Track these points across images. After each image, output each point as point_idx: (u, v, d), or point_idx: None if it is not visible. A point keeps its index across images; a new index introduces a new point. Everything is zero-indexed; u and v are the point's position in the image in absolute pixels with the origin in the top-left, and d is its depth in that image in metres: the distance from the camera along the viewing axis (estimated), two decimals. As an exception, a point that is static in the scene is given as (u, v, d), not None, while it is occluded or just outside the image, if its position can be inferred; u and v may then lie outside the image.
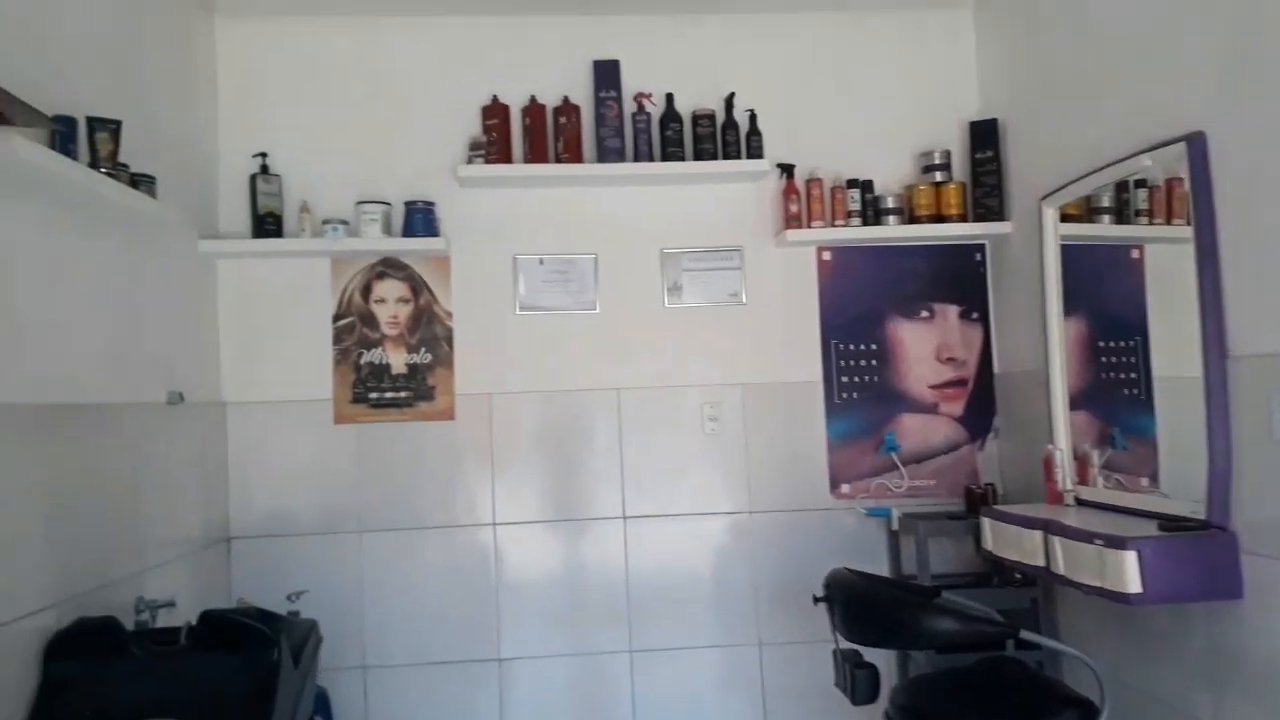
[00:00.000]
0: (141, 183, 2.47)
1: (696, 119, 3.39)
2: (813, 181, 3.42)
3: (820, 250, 3.50)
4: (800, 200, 3.41)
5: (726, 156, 3.38)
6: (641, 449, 3.41)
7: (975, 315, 3.53)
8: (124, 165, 2.36)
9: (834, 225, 3.42)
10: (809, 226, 3.40)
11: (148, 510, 2.68)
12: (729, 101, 3.41)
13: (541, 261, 3.42)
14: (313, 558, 3.28)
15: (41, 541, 2.14)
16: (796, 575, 3.38)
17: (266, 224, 3.25)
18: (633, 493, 3.41)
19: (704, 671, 3.38)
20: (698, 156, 3.38)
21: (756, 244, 3.50)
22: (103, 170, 2.26)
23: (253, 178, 3.27)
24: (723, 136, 3.39)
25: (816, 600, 2.55)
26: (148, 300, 2.76)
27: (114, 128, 2.30)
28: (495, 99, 3.35)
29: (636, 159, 3.36)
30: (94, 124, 2.27)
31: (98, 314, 2.46)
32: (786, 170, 3.44)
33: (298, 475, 3.30)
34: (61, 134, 2.15)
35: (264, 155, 3.30)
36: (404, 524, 3.33)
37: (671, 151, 3.36)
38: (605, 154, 3.34)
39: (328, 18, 3.39)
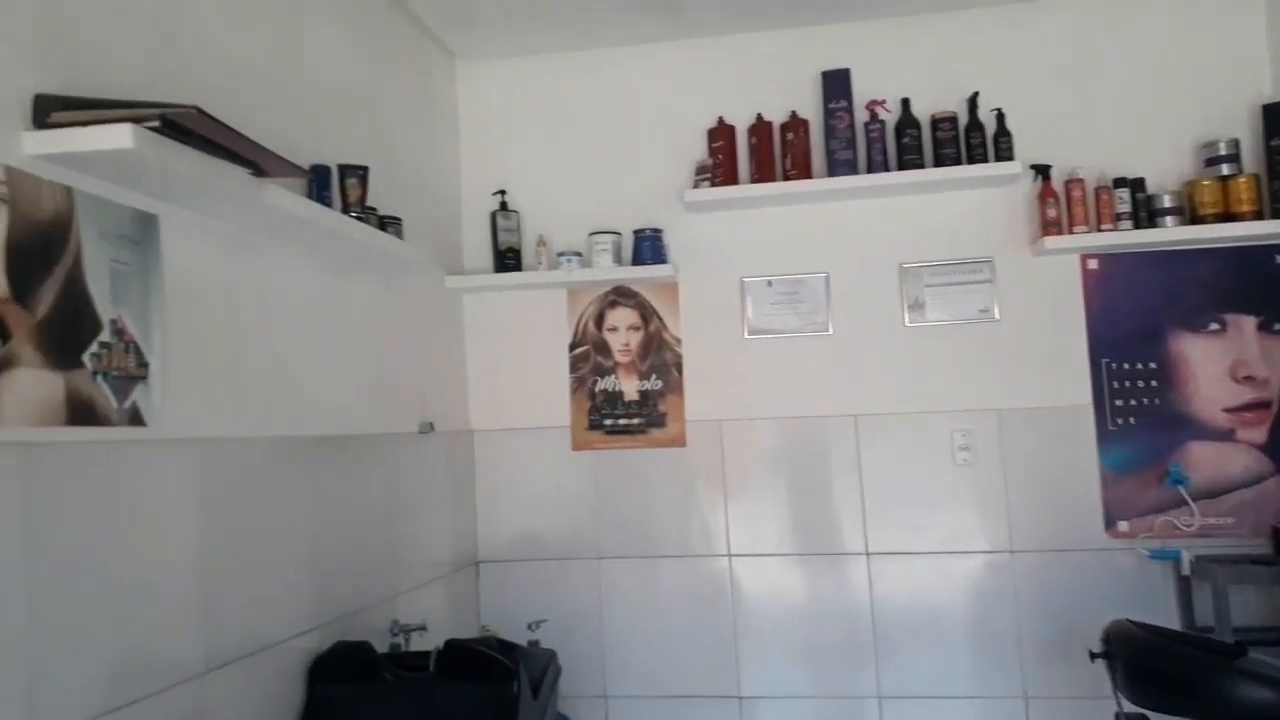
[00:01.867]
0: (389, 224, 2.60)
1: (936, 123, 3.16)
2: (1072, 182, 3.09)
3: (1085, 258, 3.16)
4: (1059, 203, 3.09)
5: (971, 161, 3.13)
6: (884, 479, 3.20)
7: (1278, 327, 3.04)
8: (372, 208, 2.50)
9: (1100, 230, 3.07)
10: (1070, 232, 3.07)
11: (403, 535, 2.81)
12: (972, 101, 3.15)
13: (770, 283, 3.31)
14: (555, 582, 3.33)
15: (308, 566, 2.28)
16: (1068, 623, 3.04)
17: (506, 259, 3.36)
18: (876, 526, 3.20)
19: (960, 722, 3.11)
20: (938, 163, 3.15)
21: (1009, 254, 3.20)
22: (353, 214, 2.39)
23: (493, 215, 3.40)
24: (966, 140, 3.14)
25: (1094, 656, 2.25)
26: (400, 335, 2.91)
27: (362, 173, 2.44)
28: (720, 120, 3.29)
29: (870, 170, 3.18)
30: (344, 171, 2.42)
31: (355, 350, 2.62)
32: (1041, 171, 3.13)
33: (540, 500, 3.37)
34: (317, 182, 2.30)
35: (503, 193, 3.42)
36: (640, 552, 3.31)
37: (909, 160, 3.15)
38: (836, 167, 3.18)
39: (557, 54, 3.47)
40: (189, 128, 1.63)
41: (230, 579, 1.98)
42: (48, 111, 1.53)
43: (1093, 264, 3.15)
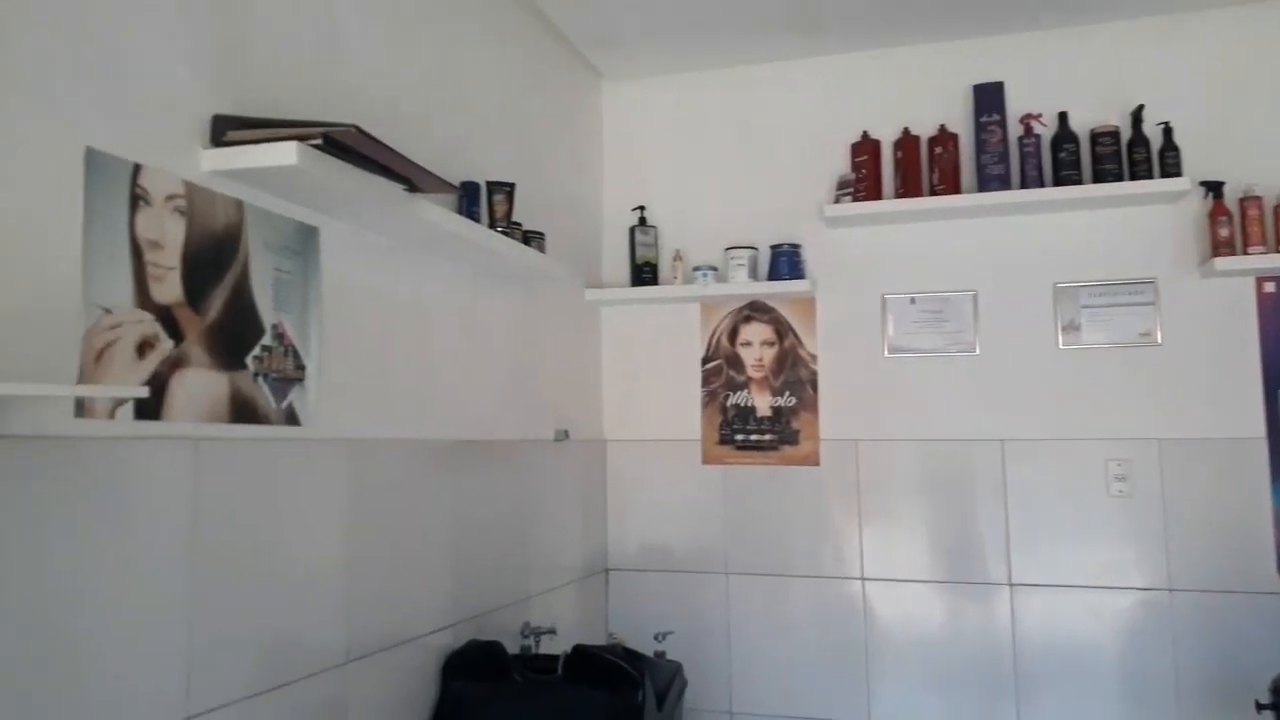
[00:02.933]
0: (533, 239, 2.68)
1: (1095, 138, 3.01)
2: (1248, 200, 2.88)
3: (1261, 281, 2.93)
4: (1232, 222, 2.89)
5: (1134, 177, 2.96)
6: (1030, 508, 3.06)
7: None
8: (517, 224, 2.58)
9: (1278, 251, 2.84)
10: (1245, 253, 2.86)
11: (536, 539, 2.88)
12: (1136, 115, 2.99)
13: (913, 301, 3.22)
14: (683, 594, 3.33)
15: (446, 565, 2.37)
16: (1232, 670, 2.82)
17: (643, 273, 3.40)
18: (1021, 557, 3.06)
19: (1108, 770, 2.93)
20: (1097, 179, 2.99)
21: (1174, 275, 3.01)
22: (499, 229, 2.48)
23: (631, 230, 3.45)
24: (1129, 155, 2.98)
25: (1260, 707, 2.08)
26: (539, 345, 2.99)
27: (509, 190, 2.52)
28: (865, 135, 3.23)
29: (1024, 186, 3.05)
30: (492, 187, 2.51)
31: (497, 359, 2.70)
32: (1213, 189, 2.93)
33: (669, 512, 3.39)
34: (466, 198, 2.39)
35: (642, 208, 3.47)
36: (770, 569, 3.27)
37: (1065, 175, 3.01)
38: (987, 182, 3.07)
39: (700, 72, 3.50)
40: (349, 145, 1.73)
41: (373, 574, 2.08)
42: (224, 130, 1.66)
43: (1269, 287, 2.92)
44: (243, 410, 1.72)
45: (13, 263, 1.31)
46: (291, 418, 1.85)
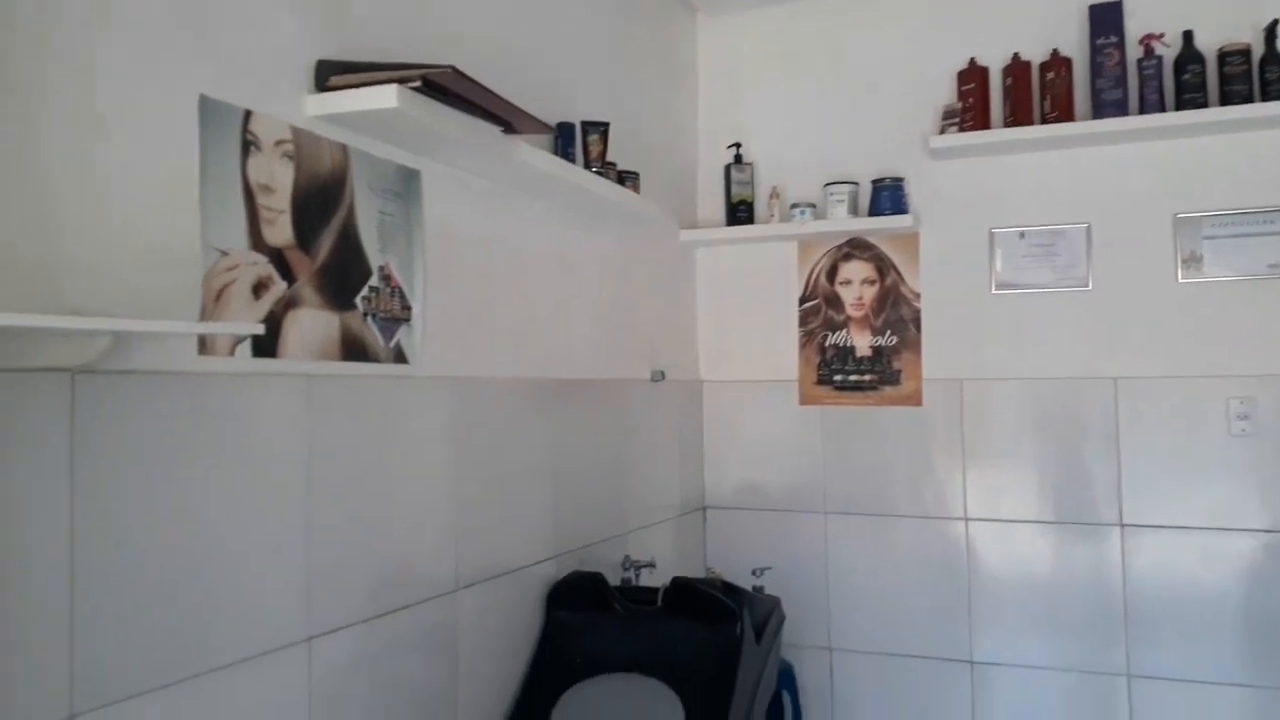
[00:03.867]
0: (628, 179, 2.68)
1: (1223, 57, 2.81)
2: (1397, 117, 2.66)
3: (1407, 205, 2.72)
4: (1377, 142, 2.68)
5: (1267, 98, 2.76)
6: (1144, 448, 2.95)
7: None
8: (612, 163, 2.58)
9: None
10: (1390, 175, 2.65)
11: (634, 477, 2.93)
12: (1270, 31, 2.78)
13: (1022, 235, 3.11)
14: (780, 533, 3.34)
15: (547, 499, 2.44)
16: (1360, 617, 2.69)
17: (739, 211, 3.37)
18: (1132, 497, 2.96)
19: (1225, 713, 2.84)
20: (1224, 101, 2.80)
21: (1309, 202, 2.82)
22: (594, 170, 2.48)
23: (727, 168, 3.40)
24: (1260, 74, 2.78)
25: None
26: (635, 286, 3.00)
27: (603, 129, 2.52)
28: (972, 61, 3.10)
29: (1143, 111, 2.88)
30: (587, 127, 2.51)
31: (594, 299, 2.73)
32: (1355, 106, 2.72)
33: (766, 452, 3.39)
34: (562, 139, 2.40)
35: (738, 145, 3.42)
36: (869, 509, 3.25)
37: (1189, 99, 2.83)
38: (1102, 109, 2.91)
39: (799, 2, 3.40)
40: (446, 86, 1.75)
41: (478, 507, 2.15)
42: (327, 76, 1.70)
43: None
44: (353, 349, 1.79)
45: (137, 209, 1.38)
46: (399, 356, 1.92)
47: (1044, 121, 2.99)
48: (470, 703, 2.10)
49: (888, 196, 3.16)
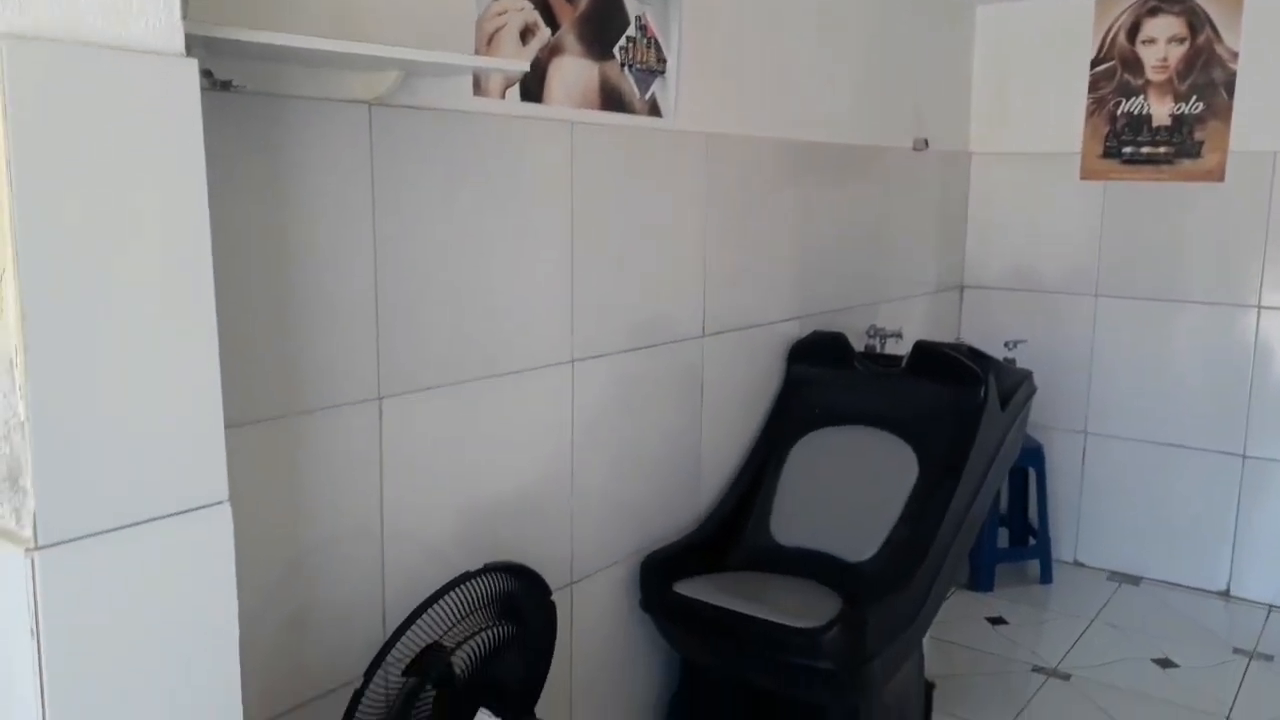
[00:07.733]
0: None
1: None
2: None
3: None
4: None
5: None
6: None
7: None
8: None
9: None
10: None
11: (887, 248, 2.91)
12: None
13: (1385, -26, 2.60)
14: (1044, 314, 3.22)
15: (794, 261, 2.50)
16: None
17: (1028, -41, 3.04)
18: None
19: None
20: None
21: None
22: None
23: (1019, -92, 3.06)
24: None
25: None
26: (901, 46, 2.85)
27: None
28: None
29: None
30: None
31: (854, 59, 2.64)
32: None
33: (1036, 231, 3.22)
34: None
35: (1034, -120, 3.04)
36: (1147, 294, 3.04)
37: None
38: None
39: None
40: None
41: (727, 261, 2.25)
42: None
43: None
44: (610, 98, 1.89)
45: (418, -46, 1.50)
46: (654, 109, 2.00)
47: None
48: (713, 437, 2.28)
49: (1211, -66, 2.73)
